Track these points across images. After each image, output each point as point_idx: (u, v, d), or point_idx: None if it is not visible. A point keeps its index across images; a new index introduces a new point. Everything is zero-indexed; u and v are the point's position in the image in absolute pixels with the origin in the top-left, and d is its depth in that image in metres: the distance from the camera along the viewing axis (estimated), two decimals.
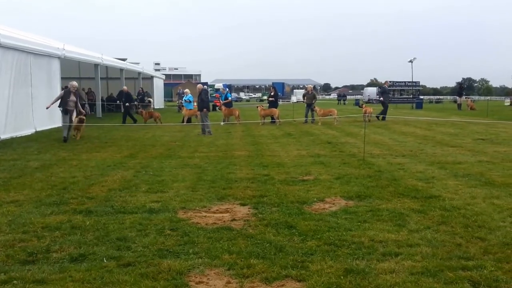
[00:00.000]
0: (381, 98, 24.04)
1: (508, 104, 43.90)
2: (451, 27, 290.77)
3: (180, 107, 35.14)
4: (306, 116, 21.15)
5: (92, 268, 3.93)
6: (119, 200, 6.31)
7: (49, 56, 18.17)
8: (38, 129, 16.33)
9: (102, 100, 28.58)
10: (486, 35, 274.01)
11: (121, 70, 30.29)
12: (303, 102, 21.82)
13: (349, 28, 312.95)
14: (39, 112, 16.57)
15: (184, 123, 19.82)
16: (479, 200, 6.23)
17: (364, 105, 24.66)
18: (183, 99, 21.69)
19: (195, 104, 18.58)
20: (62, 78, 20.57)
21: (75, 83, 14.64)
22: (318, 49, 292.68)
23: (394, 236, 4.73)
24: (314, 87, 28.14)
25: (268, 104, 22.60)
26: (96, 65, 25.40)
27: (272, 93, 22.03)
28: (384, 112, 22.26)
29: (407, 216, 5.48)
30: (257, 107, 23.17)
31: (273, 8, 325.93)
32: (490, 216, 5.45)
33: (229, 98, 23.68)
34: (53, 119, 18.06)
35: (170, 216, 5.52)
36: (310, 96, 21.40)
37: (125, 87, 22.56)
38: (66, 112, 13.81)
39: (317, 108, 21.06)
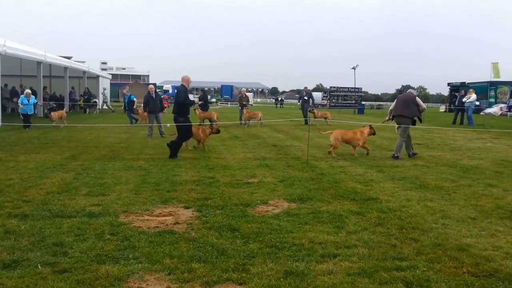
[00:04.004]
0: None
1: (443, 110, 46.38)
2: (393, 37, 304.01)
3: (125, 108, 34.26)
4: (241, 119, 21.73)
5: (25, 275, 3.76)
6: (57, 204, 6.07)
7: None
8: None
9: (45, 99, 27.31)
10: (425, 45, 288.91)
11: (65, 68, 29.18)
12: (238, 105, 22.35)
13: (297, 34, 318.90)
14: None
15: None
16: (414, 202, 6.52)
17: (316, 111, 25.01)
18: (20, 102, 18.13)
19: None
20: (2, 76, 19.50)
21: None
22: (268, 53, 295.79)
23: (333, 238, 4.87)
24: (247, 90, 29.09)
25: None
26: (38, 63, 24.30)
27: (201, 96, 21.92)
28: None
29: (346, 218, 5.66)
30: (195, 110, 22.05)
31: (223, 10, 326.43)
32: (424, 218, 5.72)
33: (133, 99, 20.82)
34: None
35: (110, 220, 5.38)
36: (245, 99, 22.71)
37: None
38: None
39: (244, 110, 21.69)
